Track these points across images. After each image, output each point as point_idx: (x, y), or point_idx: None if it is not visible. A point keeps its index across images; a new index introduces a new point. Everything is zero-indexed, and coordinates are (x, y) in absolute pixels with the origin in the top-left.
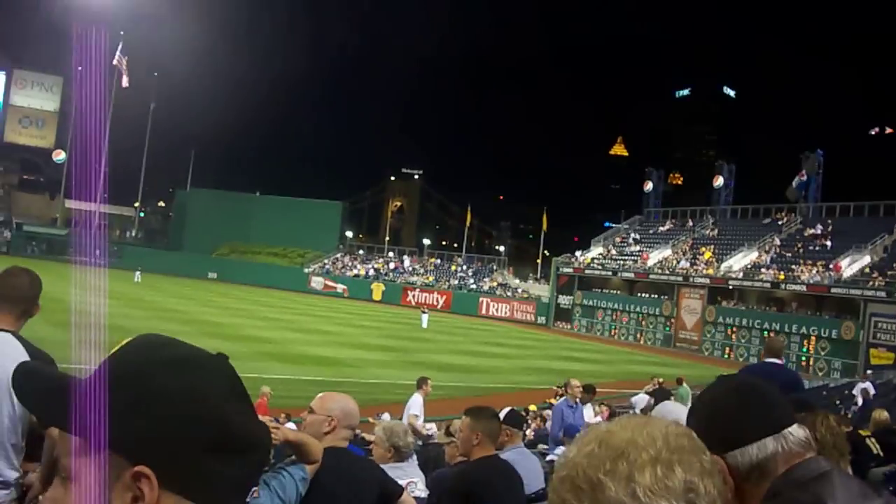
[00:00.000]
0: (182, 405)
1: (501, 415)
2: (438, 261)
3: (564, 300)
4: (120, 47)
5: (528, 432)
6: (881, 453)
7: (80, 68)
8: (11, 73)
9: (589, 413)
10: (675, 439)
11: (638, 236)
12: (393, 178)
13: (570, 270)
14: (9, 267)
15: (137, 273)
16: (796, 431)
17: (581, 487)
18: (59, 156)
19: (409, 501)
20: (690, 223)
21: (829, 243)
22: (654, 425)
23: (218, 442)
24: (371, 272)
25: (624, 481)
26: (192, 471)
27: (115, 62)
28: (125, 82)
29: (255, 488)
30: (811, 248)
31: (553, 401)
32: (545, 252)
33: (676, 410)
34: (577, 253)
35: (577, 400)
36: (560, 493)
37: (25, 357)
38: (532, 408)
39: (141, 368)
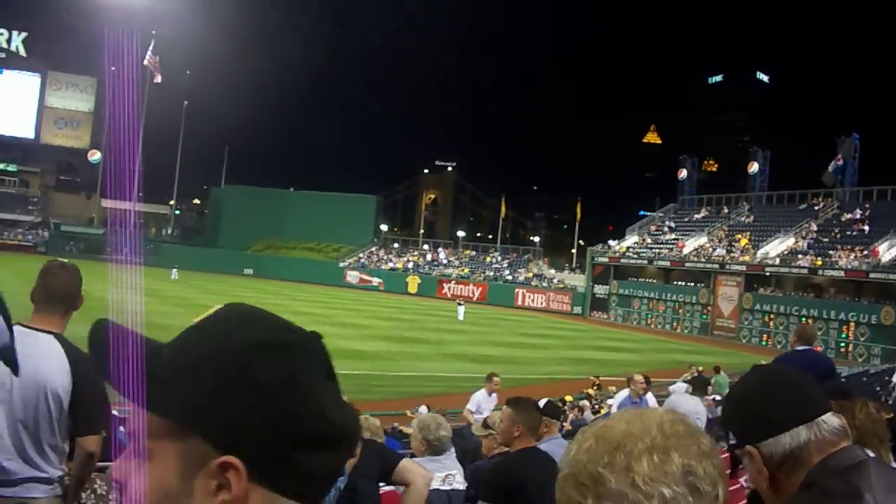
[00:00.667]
0: (279, 395)
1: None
2: (473, 252)
3: (600, 290)
4: (151, 47)
5: (565, 423)
6: None
7: (112, 69)
8: (46, 75)
9: (653, 403)
10: (669, 426)
11: (673, 224)
12: (426, 171)
13: (606, 260)
14: (46, 264)
15: (174, 270)
16: (831, 420)
17: (583, 483)
18: (95, 156)
19: (409, 467)
20: (726, 210)
21: (866, 228)
22: (649, 416)
23: (313, 434)
24: (408, 265)
25: (623, 472)
26: (283, 464)
27: (146, 62)
28: (157, 79)
29: None
30: (848, 233)
31: (591, 391)
32: (580, 242)
33: (684, 403)
34: (612, 242)
35: (641, 395)
36: (565, 491)
37: (65, 362)
38: (568, 398)
39: (236, 350)
